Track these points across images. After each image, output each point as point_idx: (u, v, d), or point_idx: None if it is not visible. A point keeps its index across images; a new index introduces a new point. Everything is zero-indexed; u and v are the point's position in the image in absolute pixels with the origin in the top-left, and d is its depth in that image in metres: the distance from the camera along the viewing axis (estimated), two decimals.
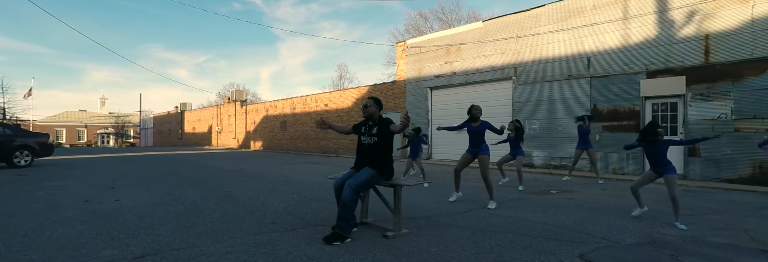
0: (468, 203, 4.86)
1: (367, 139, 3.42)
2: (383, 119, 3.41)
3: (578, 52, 9.25)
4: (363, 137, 3.47)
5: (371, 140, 3.37)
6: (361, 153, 3.45)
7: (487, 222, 3.81)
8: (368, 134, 3.42)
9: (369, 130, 3.44)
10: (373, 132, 3.38)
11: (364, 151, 3.41)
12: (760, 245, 3.16)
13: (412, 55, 13.50)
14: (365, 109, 3.46)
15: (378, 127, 3.36)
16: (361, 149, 3.46)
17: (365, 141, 3.44)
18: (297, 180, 7.25)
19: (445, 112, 12.46)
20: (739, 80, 7.09)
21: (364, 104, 3.48)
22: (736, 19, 7.14)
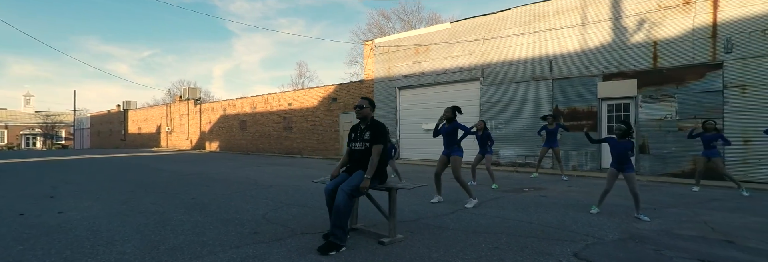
0: (451, 204, 4.85)
1: (358, 145, 3.25)
2: (377, 124, 3.24)
3: (541, 55, 9.70)
4: (354, 143, 3.29)
5: (362, 145, 3.21)
6: (352, 158, 3.28)
7: (476, 223, 3.80)
8: (360, 139, 3.24)
9: (361, 135, 3.26)
10: (365, 137, 3.21)
11: (356, 155, 3.24)
12: (722, 236, 3.43)
13: (380, 54, 13.41)
14: (360, 110, 3.28)
15: (371, 133, 3.20)
16: (353, 154, 3.29)
17: (356, 147, 3.26)
18: (267, 183, 6.86)
19: (413, 112, 12.52)
20: (682, 84, 7.81)
21: (358, 105, 3.29)
22: (680, 27, 7.85)
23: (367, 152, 3.16)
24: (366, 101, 3.30)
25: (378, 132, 3.16)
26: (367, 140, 3.18)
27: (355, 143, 3.29)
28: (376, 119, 3.34)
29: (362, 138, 3.23)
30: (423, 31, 12.36)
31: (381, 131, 3.17)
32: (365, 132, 3.23)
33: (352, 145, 3.31)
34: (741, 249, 3.02)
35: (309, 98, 16.35)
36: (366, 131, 3.24)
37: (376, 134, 3.16)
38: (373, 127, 3.21)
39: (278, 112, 17.91)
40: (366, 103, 3.29)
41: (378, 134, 3.16)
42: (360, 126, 3.34)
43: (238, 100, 20.52)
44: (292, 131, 17.11)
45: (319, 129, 15.80)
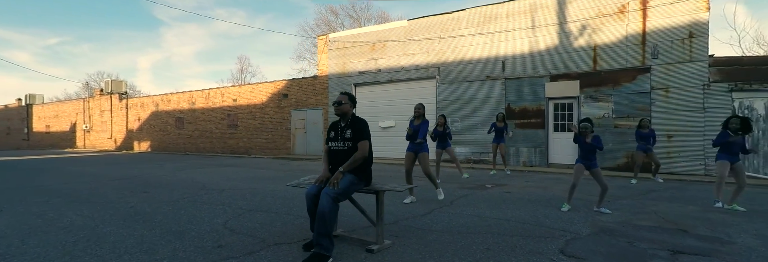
0: (424, 204, 4.76)
1: (338, 145, 2.98)
2: (357, 121, 3.00)
3: (495, 55, 10.08)
4: (334, 143, 3.01)
5: (344, 145, 2.95)
6: (334, 159, 3.01)
7: (457, 223, 3.74)
8: (341, 138, 2.98)
9: (341, 133, 3.00)
10: (346, 135, 2.95)
11: (338, 156, 2.97)
12: (674, 225, 3.76)
13: (335, 49, 13.00)
14: (339, 107, 3.01)
15: (352, 130, 2.95)
16: (334, 155, 3.02)
17: (337, 147, 2.99)
18: (218, 187, 6.22)
19: (370, 110, 12.34)
20: (617, 85, 8.61)
21: (337, 101, 3.02)
22: (615, 34, 8.63)
23: (349, 152, 2.92)
24: (345, 97, 3.04)
25: (360, 129, 2.94)
26: (349, 138, 2.93)
27: (334, 142, 3.02)
28: (357, 116, 3.09)
29: (343, 137, 2.97)
30: (379, 28, 12.21)
31: (363, 127, 2.96)
32: (346, 130, 2.98)
33: (332, 145, 3.03)
34: (695, 237, 3.31)
35: (257, 94, 15.36)
36: (347, 128, 2.98)
37: (359, 131, 2.93)
38: (355, 124, 2.98)
39: (222, 109, 16.59)
40: (345, 99, 3.03)
41: (361, 130, 2.93)
42: (340, 124, 3.07)
43: (173, 95, 18.65)
44: (238, 128, 15.98)
45: (269, 127, 14.94)
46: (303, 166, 10.24)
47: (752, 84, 7.39)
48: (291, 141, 14.31)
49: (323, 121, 13.37)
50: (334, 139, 3.02)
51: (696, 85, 7.84)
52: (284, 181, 6.87)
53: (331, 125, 3.14)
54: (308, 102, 13.79)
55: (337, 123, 3.10)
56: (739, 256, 2.78)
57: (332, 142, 3.03)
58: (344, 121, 3.04)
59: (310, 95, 13.73)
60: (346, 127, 3.00)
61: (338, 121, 3.11)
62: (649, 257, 2.75)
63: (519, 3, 9.74)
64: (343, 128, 3.01)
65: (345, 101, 3.01)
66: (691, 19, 7.86)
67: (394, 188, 3.09)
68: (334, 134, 3.04)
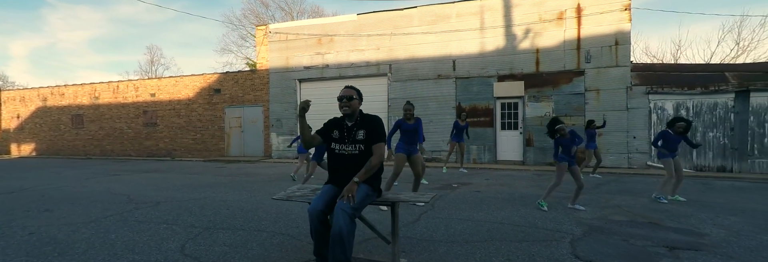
0: (403, 208, 4.45)
1: (348, 147, 2.49)
2: (371, 119, 2.54)
3: (445, 54, 10.19)
4: (340, 145, 2.52)
5: (355, 148, 2.48)
6: (340, 166, 2.50)
7: (455, 230, 3.51)
8: (351, 139, 2.49)
9: (351, 134, 2.50)
10: (358, 137, 2.48)
11: (346, 162, 2.48)
12: (642, 218, 4.02)
13: (276, 41, 11.97)
14: (348, 102, 2.50)
15: (367, 131, 2.48)
16: (340, 161, 2.52)
17: (345, 151, 2.50)
18: (149, 199, 5.14)
19: (317, 107, 11.54)
20: (557, 86, 9.29)
21: (345, 96, 2.51)
22: (555, 38, 9.29)
23: (362, 157, 2.46)
24: (354, 91, 2.55)
25: (376, 129, 2.48)
26: (362, 140, 2.47)
27: (342, 144, 2.51)
28: (367, 113, 2.63)
29: (354, 138, 2.49)
30: (326, 21, 11.54)
31: (380, 127, 2.50)
32: (358, 131, 2.50)
33: (338, 148, 2.53)
34: (671, 230, 3.55)
35: (182, 88, 13.51)
36: (358, 128, 2.50)
37: (376, 132, 2.47)
38: (368, 123, 2.51)
39: (136, 105, 14.28)
40: (355, 94, 2.54)
41: (377, 130, 2.48)
42: (345, 123, 2.57)
43: (68, 87, 15.54)
44: (158, 127, 13.91)
45: (198, 126, 13.25)
46: (243, 169, 9.20)
47: (663, 87, 8.53)
48: (225, 141, 12.88)
49: (264, 119, 12.27)
50: (340, 140, 2.53)
51: (620, 87, 8.81)
52: (231, 188, 6.00)
53: (331, 122, 2.62)
54: (245, 98, 12.53)
55: (339, 123, 2.59)
56: (722, 248, 2.99)
57: (337, 143, 2.53)
58: (352, 119, 2.56)
59: (248, 91, 12.48)
60: (355, 126, 2.52)
61: (341, 119, 2.61)
62: (655, 256, 2.81)
63: (468, 4, 9.96)
64: (352, 128, 2.52)
65: (355, 96, 2.53)
66: (617, 29, 8.79)
67: (413, 198, 2.67)
68: (340, 135, 2.54)
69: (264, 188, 6.02)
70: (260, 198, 5.12)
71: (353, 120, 2.55)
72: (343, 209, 2.17)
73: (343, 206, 2.19)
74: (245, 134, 12.64)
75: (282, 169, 9.13)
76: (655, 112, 8.63)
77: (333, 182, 2.49)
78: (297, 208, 4.43)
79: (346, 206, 2.19)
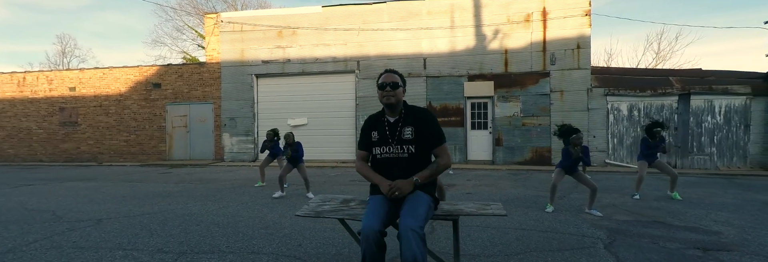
0: None
1: (394, 149, 1.96)
2: (419, 113, 2.03)
3: (417, 52, 9.93)
4: (383, 148, 1.99)
5: (403, 150, 1.95)
6: (391, 171, 1.97)
7: (485, 241, 3.12)
8: (396, 139, 1.96)
9: (395, 133, 1.98)
10: (405, 136, 1.96)
11: (397, 168, 1.96)
12: (644, 217, 4.02)
13: (229, 32, 10.80)
14: (392, 91, 1.97)
15: (415, 128, 1.97)
16: (388, 165, 1.99)
17: (392, 154, 1.97)
18: (84, 216, 4.07)
19: (277, 105, 10.71)
20: (524, 87, 9.50)
21: (388, 83, 1.97)
22: (523, 40, 9.50)
23: (413, 161, 1.96)
24: (398, 77, 2.03)
25: (430, 126, 1.98)
26: (411, 139, 1.96)
27: (383, 147, 1.99)
28: (412, 105, 2.11)
29: (400, 138, 1.96)
30: (287, 12, 10.67)
31: (435, 125, 2.00)
32: (403, 128, 1.98)
33: (380, 151, 2.00)
34: (683, 229, 3.54)
35: (110, 82, 11.64)
36: (404, 125, 1.98)
37: (431, 130, 1.97)
38: (419, 119, 2.00)
39: (49, 100, 12.02)
40: (400, 80, 2.02)
41: (432, 129, 1.98)
42: (385, 119, 2.04)
43: None
44: (79, 127, 11.84)
45: (132, 125, 11.51)
46: (195, 174, 8.04)
47: (619, 90, 9.11)
48: (166, 143, 11.33)
49: (214, 117, 11.00)
50: (382, 142, 1.99)
51: (582, 89, 9.24)
52: (191, 198, 5.06)
53: (369, 122, 2.09)
54: (192, 94, 11.13)
55: (379, 117, 2.07)
56: (747, 247, 2.98)
57: (379, 147, 2.00)
58: (394, 113, 2.03)
59: (195, 86, 11.11)
60: (400, 122, 2.00)
61: (380, 114, 2.09)
62: (697, 259, 2.70)
63: (439, 2, 9.81)
64: (397, 125, 2.00)
65: (400, 84, 2.00)
66: (579, 33, 9.22)
67: (480, 210, 2.20)
68: (381, 135, 2.01)
69: (233, 197, 5.18)
70: (234, 210, 4.33)
71: (397, 114, 2.03)
72: (413, 230, 1.66)
73: (412, 225, 1.68)
74: (192, 135, 11.23)
75: (242, 173, 8.14)
76: (612, 112, 9.18)
77: (380, 191, 1.96)
78: (287, 220, 3.76)
79: (415, 225, 1.68)
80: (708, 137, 8.85)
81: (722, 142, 8.83)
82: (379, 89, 2.00)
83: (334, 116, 10.41)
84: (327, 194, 3.80)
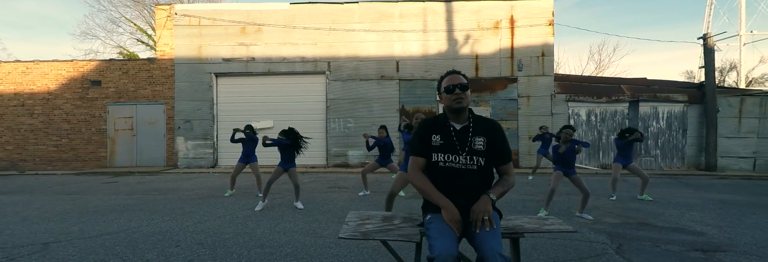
0: None
1: (461, 160, 1.74)
2: (490, 124, 1.83)
3: (389, 54, 9.79)
4: (447, 156, 1.75)
5: (473, 162, 1.74)
6: (453, 183, 1.75)
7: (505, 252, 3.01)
8: (465, 149, 1.74)
9: (465, 142, 1.75)
10: (476, 146, 1.75)
11: (461, 180, 1.74)
12: (631, 219, 4.20)
13: (185, 26, 9.86)
14: (462, 93, 1.74)
15: (487, 140, 1.77)
16: (450, 176, 1.75)
17: (460, 164, 1.74)
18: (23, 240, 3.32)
19: (240, 107, 9.96)
20: (494, 92, 9.76)
21: (457, 84, 1.75)
22: (492, 47, 9.76)
23: (483, 174, 1.76)
24: (461, 77, 1.81)
25: (502, 137, 1.81)
26: (482, 151, 1.75)
27: (448, 155, 1.75)
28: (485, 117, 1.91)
29: (471, 147, 1.75)
30: (251, 7, 9.99)
31: (504, 139, 1.82)
32: (474, 137, 1.76)
33: (444, 158, 1.75)
34: (672, 230, 3.73)
35: (36, 78, 10.08)
36: (474, 134, 1.76)
37: (502, 142, 1.79)
38: (490, 128, 1.80)
39: None
40: (464, 81, 1.80)
41: (504, 140, 1.81)
42: (451, 125, 1.81)
43: None
44: None
45: (63, 128, 10.06)
46: (148, 183, 7.13)
47: (579, 96, 9.70)
48: (107, 148, 10.05)
49: (167, 119, 9.97)
50: (448, 149, 1.75)
51: (546, 95, 9.70)
52: (154, 212, 4.42)
53: (428, 125, 1.82)
54: (140, 94, 9.99)
55: (442, 120, 1.82)
56: (737, 247, 3.18)
57: (443, 154, 1.76)
58: (461, 120, 1.80)
59: (144, 84, 9.98)
60: (469, 131, 1.77)
61: (442, 118, 1.84)
62: (702, 261, 2.80)
63: (412, 5, 9.77)
64: (466, 133, 1.77)
65: (466, 85, 1.76)
66: (543, 41, 9.67)
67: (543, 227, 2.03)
68: (446, 141, 1.76)
69: (205, 209, 4.60)
70: (214, 225, 3.81)
71: (465, 121, 1.81)
72: (502, 256, 1.48)
73: (498, 249, 1.50)
74: (139, 139, 10.07)
75: (203, 181, 7.40)
76: (572, 117, 9.74)
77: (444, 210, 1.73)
78: (281, 236, 3.36)
79: (500, 249, 1.50)
80: (653, 140, 9.72)
81: (665, 145, 9.74)
82: (446, 93, 1.76)
83: (302, 119, 9.90)
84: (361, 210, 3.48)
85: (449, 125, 1.80)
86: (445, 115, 1.85)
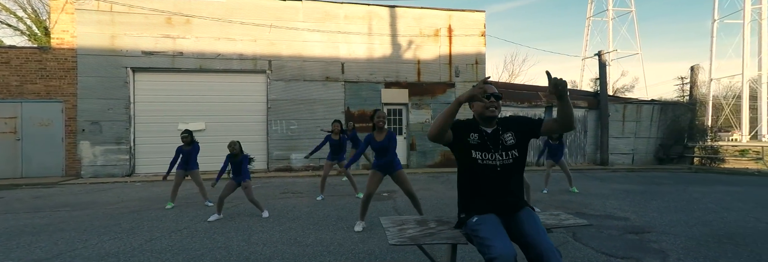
0: None
1: (498, 158, 1.89)
2: (505, 120, 2.01)
3: (334, 56, 9.66)
4: (486, 154, 1.89)
5: (508, 157, 1.91)
6: (492, 183, 1.88)
7: None
8: (500, 147, 1.91)
9: (497, 140, 1.92)
10: (508, 142, 1.92)
11: (501, 178, 1.88)
12: (567, 209, 4.86)
13: (93, 11, 8.39)
14: (496, 102, 1.94)
15: (517, 136, 1.95)
16: (490, 175, 1.88)
17: (497, 161, 1.89)
18: None
19: (165, 106, 8.84)
20: (434, 96, 10.31)
21: (494, 94, 1.93)
22: (433, 53, 10.31)
23: (517, 168, 1.94)
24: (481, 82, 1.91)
25: (521, 118, 2.05)
26: (514, 145, 1.92)
27: (483, 152, 1.90)
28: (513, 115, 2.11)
29: (504, 145, 1.91)
30: None
31: (520, 117, 2.09)
32: (504, 134, 1.93)
33: (482, 157, 1.89)
34: (604, 217, 4.41)
35: None
36: (505, 131, 1.94)
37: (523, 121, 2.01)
38: (512, 122, 2.00)
39: None
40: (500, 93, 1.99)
41: (526, 119, 2.05)
42: (481, 127, 1.94)
43: None
44: None
45: None
46: (49, 197, 5.87)
47: (507, 101, 10.80)
48: None
49: (66, 120, 8.35)
50: (483, 147, 1.89)
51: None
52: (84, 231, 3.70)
53: (464, 124, 1.95)
54: (27, 89, 8.19)
55: (474, 122, 1.98)
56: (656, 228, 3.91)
57: (481, 152, 1.89)
58: (490, 125, 1.96)
59: (33, 78, 8.21)
60: (500, 129, 1.95)
61: (473, 121, 1.99)
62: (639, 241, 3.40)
63: (357, 7, 9.81)
64: (497, 132, 1.93)
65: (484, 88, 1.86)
66: (477, 50, 10.56)
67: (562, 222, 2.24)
68: (481, 139, 1.90)
69: (151, 225, 3.98)
70: (176, 241, 3.32)
71: (492, 121, 1.97)
72: (558, 251, 1.62)
73: (552, 244, 1.64)
74: (26, 144, 8.25)
75: (125, 193, 6.36)
76: None
77: (489, 209, 1.83)
78: (263, 247, 3.10)
79: (551, 243, 1.64)
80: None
81: (572, 144, 11.40)
82: (479, 101, 1.86)
83: (240, 121, 9.21)
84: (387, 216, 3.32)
85: (478, 125, 1.96)
86: (476, 121, 1.97)
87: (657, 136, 12.11)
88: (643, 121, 12.03)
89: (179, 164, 5.06)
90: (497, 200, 1.86)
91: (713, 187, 6.95)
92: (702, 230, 3.78)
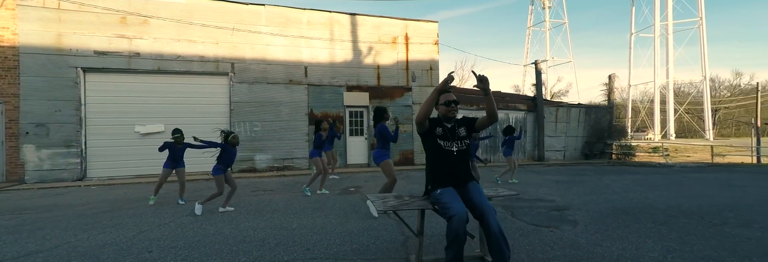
0: (410, 217, 4.41)
1: (455, 144, 2.62)
2: (465, 118, 2.77)
3: (297, 60, 9.99)
4: (447, 143, 2.60)
5: (461, 145, 2.63)
6: (450, 164, 2.57)
7: (441, 226, 3.91)
8: (455, 137, 2.64)
9: (455, 131, 2.65)
10: (461, 134, 2.67)
11: (454, 160, 2.58)
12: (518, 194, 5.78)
13: (36, 7, 7.95)
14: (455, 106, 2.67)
15: (466, 128, 2.70)
16: (448, 158, 2.58)
17: (454, 147, 2.60)
18: None
19: (119, 108, 8.60)
20: (393, 99, 11.03)
21: (452, 101, 2.64)
22: (391, 58, 11.03)
23: (467, 153, 2.67)
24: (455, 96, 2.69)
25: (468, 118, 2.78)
26: (464, 136, 2.67)
27: (447, 142, 2.62)
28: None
29: (457, 136, 2.65)
30: None
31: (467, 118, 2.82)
32: (458, 128, 2.68)
33: (446, 144, 2.61)
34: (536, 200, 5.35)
35: None
36: (458, 126, 2.69)
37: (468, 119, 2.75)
38: (464, 120, 2.75)
39: None
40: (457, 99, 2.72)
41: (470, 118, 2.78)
42: (444, 124, 2.67)
43: None
44: None
45: None
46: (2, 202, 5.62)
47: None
48: None
49: (6, 123, 7.81)
50: (445, 137, 2.61)
51: None
52: (62, 228, 3.84)
53: (434, 121, 2.67)
54: None
55: (439, 120, 2.70)
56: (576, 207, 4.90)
57: (444, 141, 2.60)
58: (450, 121, 2.71)
59: None
60: (456, 125, 2.69)
61: (439, 118, 2.70)
62: (561, 216, 4.32)
63: (319, 14, 10.22)
64: (454, 127, 2.68)
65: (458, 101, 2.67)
66: (431, 58, 11.47)
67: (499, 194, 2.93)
68: (444, 132, 2.63)
69: (135, 221, 4.12)
70: (168, 232, 3.58)
71: (452, 122, 2.71)
72: (495, 210, 2.35)
73: (492, 207, 2.33)
74: None
75: (85, 196, 6.22)
76: None
77: (448, 183, 2.50)
78: (257, 232, 3.50)
79: (491, 206, 2.34)
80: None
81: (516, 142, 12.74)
82: (445, 106, 2.58)
83: (201, 123, 9.18)
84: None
85: (444, 125, 2.68)
86: (440, 119, 2.67)
87: (583, 135, 13.95)
88: (572, 122, 13.80)
89: (167, 163, 5.26)
90: (454, 176, 2.55)
91: (622, 176, 8.42)
92: (606, 206, 4.84)
